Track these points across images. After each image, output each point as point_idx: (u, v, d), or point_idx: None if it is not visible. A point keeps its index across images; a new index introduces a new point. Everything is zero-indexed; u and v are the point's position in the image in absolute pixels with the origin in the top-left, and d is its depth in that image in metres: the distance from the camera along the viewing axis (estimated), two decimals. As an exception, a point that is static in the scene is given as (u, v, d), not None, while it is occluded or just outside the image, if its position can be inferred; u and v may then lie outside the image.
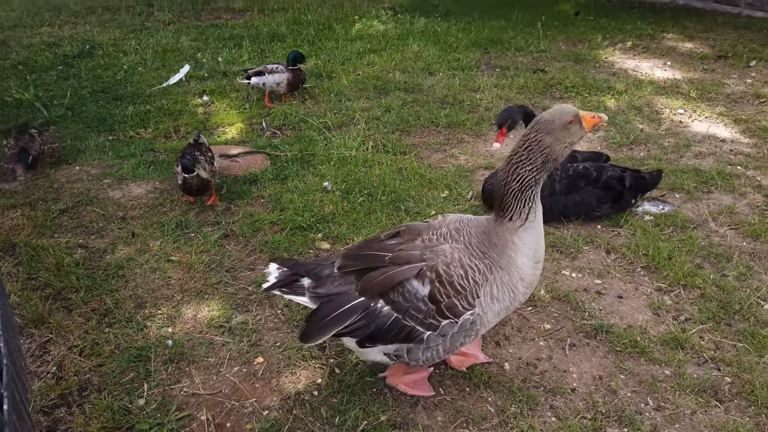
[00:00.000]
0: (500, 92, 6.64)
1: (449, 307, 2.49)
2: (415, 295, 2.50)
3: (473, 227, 2.63)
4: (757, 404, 2.78)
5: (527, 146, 2.43)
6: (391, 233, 2.74)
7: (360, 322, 2.52)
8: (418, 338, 2.54)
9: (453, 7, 10.79)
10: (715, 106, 6.23)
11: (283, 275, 2.71)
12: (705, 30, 9.13)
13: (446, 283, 2.48)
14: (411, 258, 2.54)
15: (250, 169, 4.97)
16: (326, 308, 2.55)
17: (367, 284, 2.54)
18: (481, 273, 2.51)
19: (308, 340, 2.54)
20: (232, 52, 7.94)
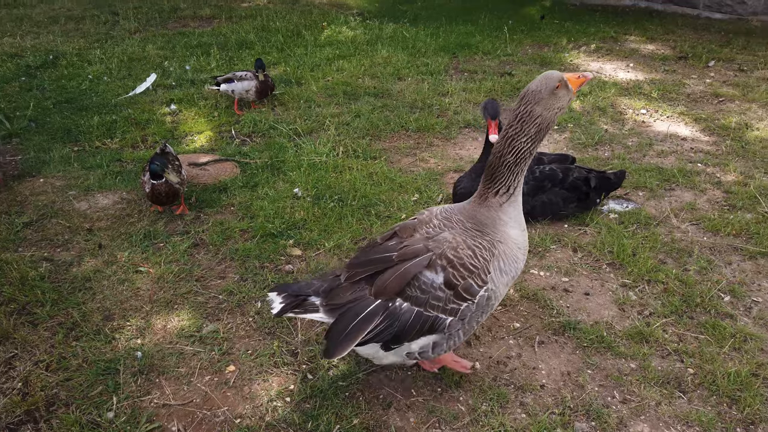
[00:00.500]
0: (469, 96, 6.72)
1: (466, 288, 2.54)
2: (431, 285, 2.52)
3: (460, 213, 2.71)
4: (718, 394, 2.87)
5: (519, 119, 2.50)
6: (387, 235, 2.76)
7: (383, 324, 2.50)
8: (441, 326, 2.57)
9: (421, 12, 10.88)
10: (676, 106, 6.40)
11: (289, 298, 2.65)
12: (666, 32, 9.37)
13: (458, 265, 2.53)
14: (418, 251, 2.57)
15: (220, 177, 4.94)
16: (345, 318, 2.51)
17: (381, 285, 2.53)
18: (487, 249, 2.59)
19: (333, 355, 2.45)
20: (200, 60, 7.88)
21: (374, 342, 2.54)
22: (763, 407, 2.79)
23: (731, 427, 2.70)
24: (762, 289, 3.60)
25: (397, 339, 2.54)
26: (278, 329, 3.32)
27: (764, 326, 3.30)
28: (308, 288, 2.68)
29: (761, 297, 3.53)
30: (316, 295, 2.65)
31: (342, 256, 3.95)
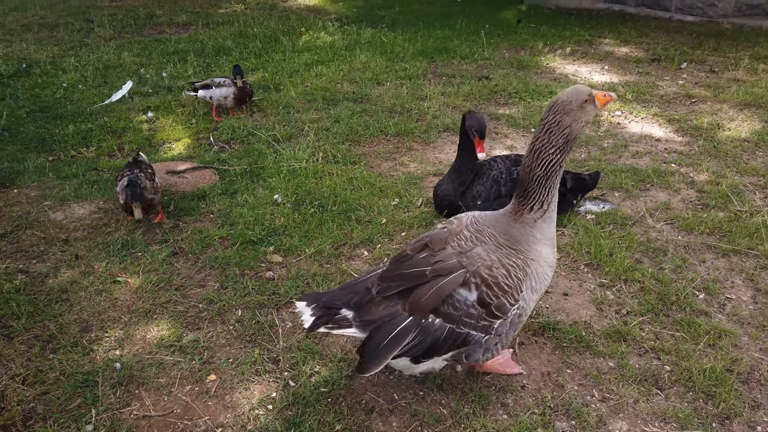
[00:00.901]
0: (447, 100, 6.77)
1: (498, 306, 2.56)
2: (464, 302, 2.53)
3: (492, 226, 2.69)
4: (694, 390, 2.92)
5: (547, 129, 2.50)
6: (417, 247, 2.72)
7: (415, 340, 2.52)
8: (471, 342, 2.59)
9: (399, 17, 10.94)
10: (650, 107, 6.52)
11: (319, 312, 2.62)
12: (639, 35, 9.54)
13: (492, 285, 2.54)
14: (452, 268, 2.55)
15: (198, 184, 4.91)
16: (379, 334, 2.51)
17: (416, 303, 2.53)
18: (521, 269, 2.60)
19: (368, 371, 2.47)
20: (176, 67, 7.82)
21: (405, 356, 2.57)
22: (738, 402, 2.85)
23: (707, 422, 2.75)
24: (735, 286, 3.68)
25: (427, 354, 2.57)
26: (259, 336, 3.31)
27: (738, 322, 3.37)
28: (339, 300, 2.65)
29: (734, 294, 3.61)
30: (347, 308, 2.63)
31: (323, 261, 3.95)
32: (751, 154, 5.42)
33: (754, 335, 3.27)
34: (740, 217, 4.36)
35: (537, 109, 6.48)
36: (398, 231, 4.30)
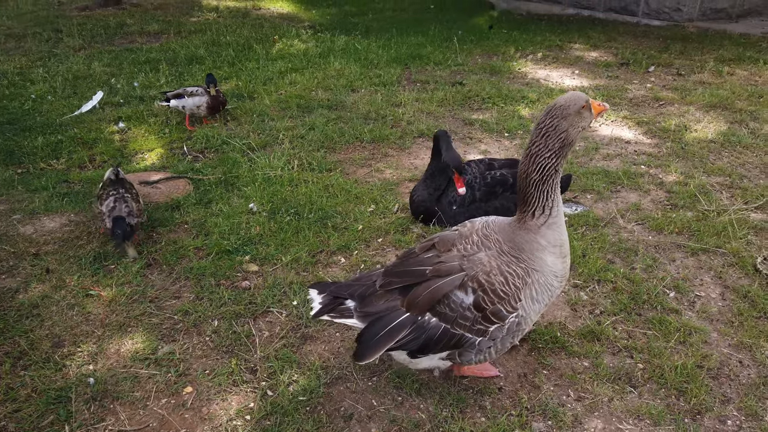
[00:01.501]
0: (421, 106, 6.82)
1: (494, 312, 2.58)
2: (460, 305, 2.58)
3: (499, 233, 2.70)
4: (667, 387, 2.98)
5: (544, 133, 2.50)
6: (426, 246, 2.79)
7: (410, 336, 2.60)
8: (468, 344, 2.64)
9: (372, 24, 10.99)
10: (620, 111, 6.65)
11: (327, 300, 2.75)
12: (608, 39, 9.73)
13: (489, 291, 2.57)
14: (451, 270, 2.61)
15: (172, 194, 4.86)
16: (376, 327, 2.61)
17: (413, 300, 2.61)
18: (520, 278, 2.60)
19: (362, 359, 2.57)
20: (148, 77, 7.74)
21: (401, 350, 2.66)
22: (709, 397, 2.92)
23: (679, 417, 2.81)
24: (704, 283, 3.77)
25: (422, 350, 2.64)
26: (236, 347, 3.29)
27: (707, 319, 3.46)
28: (346, 290, 2.76)
29: (703, 291, 3.70)
30: (351, 298, 2.73)
31: (300, 269, 3.94)
32: (718, 155, 5.56)
33: (723, 331, 3.35)
34: (708, 216, 4.47)
35: (510, 114, 6.57)
36: (375, 237, 4.31)
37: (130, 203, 4.08)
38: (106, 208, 4.03)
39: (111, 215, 3.99)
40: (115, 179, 4.29)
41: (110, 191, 4.14)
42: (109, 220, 3.99)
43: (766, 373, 3.07)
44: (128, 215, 4.00)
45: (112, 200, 4.05)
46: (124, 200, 4.07)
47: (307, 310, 3.53)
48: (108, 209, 4.02)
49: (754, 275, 3.81)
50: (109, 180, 4.28)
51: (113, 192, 4.12)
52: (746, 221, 4.38)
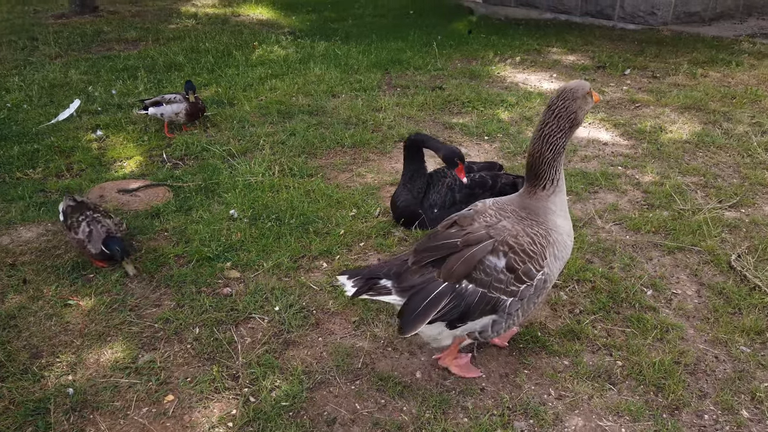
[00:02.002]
0: (402, 110, 6.85)
1: (525, 272, 2.75)
2: (494, 268, 2.72)
3: (512, 204, 2.95)
4: (645, 383, 3.03)
5: (557, 114, 2.76)
6: (447, 224, 2.94)
7: (450, 304, 2.70)
8: (502, 307, 2.77)
9: (352, 30, 11.02)
10: (597, 113, 6.75)
11: (360, 281, 2.81)
12: (585, 43, 9.88)
13: (519, 251, 2.74)
14: (481, 238, 2.77)
15: (152, 202, 4.83)
16: (416, 299, 2.69)
17: (450, 269, 2.72)
18: (543, 237, 2.81)
19: (407, 332, 2.66)
20: (126, 84, 7.68)
21: (441, 321, 2.74)
22: (686, 393, 2.97)
23: (658, 413, 2.86)
24: (680, 281, 3.84)
25: (462, 318, 2.75)
26: (218, 354, 3.27)
27: (683, 316, 3.52)
28: (378, 271, 2.84)
29: (680, 289, 3.76)
30: (387, 278, 2.81)
31: (282, 275, 3.93)
32: (692, 155, 5.67)
33: (699, 327, 3.42)
34: (683, 215, 4.55)
35: (489, 117, 6.63)
36: (357, 241, 4.32)
37: (103, 221, 3.99)
38: (83, 235, 3.90)
39: (92, 239, 3.87)
40: (75, 204, 4.11)
41: (79, 217, 3.98)
42: (93, 245, 3.87)
43: (741, 368, 3.13)
44: (108, 233, 3.92)
45: (86, 225, 3.92)
46: (96, 221, 3.95)
47: (289, 316, 3.53)
48: (85, 235, 3.90)
49: (728, 272, 3.89)
50: (70, 208, 4.08)
51: (82, 217, 3.98)
52: (720, 219, 4.48)
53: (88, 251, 3.91)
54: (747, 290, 3.69)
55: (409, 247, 4.23)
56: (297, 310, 3.59)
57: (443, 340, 2.96)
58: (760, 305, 3.56)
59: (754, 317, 3.44)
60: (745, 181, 5.11)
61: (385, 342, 3.37)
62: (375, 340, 3.38)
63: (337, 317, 3.57)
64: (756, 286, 3.71)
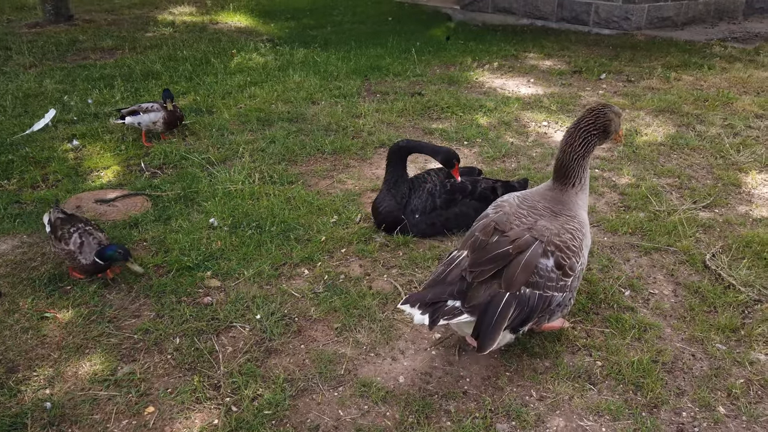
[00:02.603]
0: (382, 116, 6.88)
1: (570, 266, 2.95)
2: (546, 269, 2.89)
3: (543, 200, 3.14)
4: (624, 382, 3.07)
5: (596, 114, 3.05)
6: (488, 231, 3.02)
7: (516, 311, 2.83)
8: (554, 303, 2.95)
9: (331, 37, 11.04)
10: (574, 117, 6.84)
11: (429, 309, 2.83)
12: (561, 48, 10.02)
13: (564, 248, 2.93)
14: (528, 242, 2.91)
15: (130, 212, 4.77)
16: (488, 315, 2.80)
17: (511, 279, 2.85)
18: (579, 231, 3.04)
19: (486, 348, 2.76)
20: (103, 93, 7.60)
21: (509, 328, 2.89)
22: (664, 391, 3.02)
23: (637, 412, 2.90)
24: (657, 281, 3.90)
25: (524, 322, 2.90)
26: (199, 363, 3.24)
27: (661, 315, 3.58)
28: (442, 294, 2.89)
29: (657, 289, 3.83)
30: (452, 298, 2.87)
31: (263, 283, 3.91)
32: (667, 157, 5.78)
33: (676, 326, 3.48)
34: (659, 216, 4.63)
35: (468, 123, 6.69)
36: (338, 248, 4.32)
37: (95, 234, 3.94)
38: (74, 246, 3.83)
39: (83, 251, 3.81)
40: (66, 217, 4.04)
41: (70, 229, 3.91)
42: (85, 256, 3.81)
43: (717, 365, 3.19)
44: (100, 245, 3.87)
45: (77, 236, 3.86)
46: (89, 233, 3.90)
47: (271, 324, 3.52)
48: (76, 246, 3.83)
49: (703, 271, 3.97)
50: (59, 219, 4.00)
51: (74, 229, 3.91)
52: (695, 220, 4.56)
53: (77, 262, 3.84)
54: (722, 289, 3.77)
55: (391, 253, 4.25)
56: (279, 318, 3.58)
57: (504, 341, 3.07)
58: (735, 303, 3.64)
59: (728, 315, 3.52)
60: (718, 182, 5.23)
61: (367, 348, 3.37)
62: (357, 346, 3.38)
63: (319, 324, 3.57)
64: (730, 285, 3.79)
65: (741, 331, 3.42)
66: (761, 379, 3.10)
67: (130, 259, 3.83)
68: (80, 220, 4.06)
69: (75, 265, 3.88)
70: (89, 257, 3.81)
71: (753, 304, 3.65)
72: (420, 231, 4.42)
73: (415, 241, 4.40)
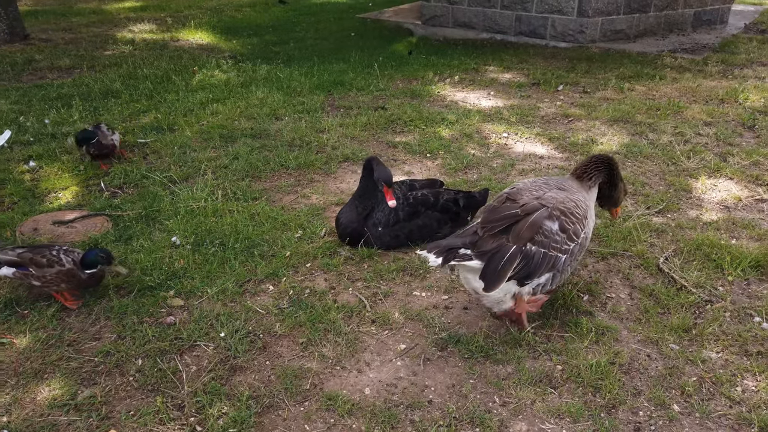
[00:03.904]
0: (346, 131, 6.93)
1: (575, 231, 3.33)
2: (551, 231, 3.26)
3: (557, 183, 3.57)
4: (584, 385, 3.16)
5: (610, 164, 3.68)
6: (501, 200, 3.47)
7: (521, 263, 3.18)
8: (558, 263, 3.29)
9: (294, 53, 11.09)
10: (533, 128, 7.02)
11: (443, 253, 3.17)
12: (520, 61, 10.26)
13: (568, 213, 3.32)
14: (536, 207, 3.31)
15: (90, 233, 4.70)
16: (494, 261, 3.15)
17: (518, 233, 3.22)
18: (583, 203, 3.47)
19: (492, 288, 3.13)
20: (60, 113, 7.46)
21: (514, 279, 3.21)
22: (622, 391, 3.11)
23: (596, 413, 2.98)
24: (613, 285, 4.03)
25: (529, 275, 3.23)
26: (162, 384, 3.20)
27: (617, 318, 3.70)
28: (456, 243, 3.24)
29: (613, 293, 3.95)
30: (464, 247, 3.22)
31: (227, 300, 3.89)
32: (622, 165, 5.97)
33: (632, 328, 3.59)
34: (615, 222, 4.78)
35: (431, 135, 6.79)
36: (303, 262, 4.34)
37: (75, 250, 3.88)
38: (70, 264, 3.74)
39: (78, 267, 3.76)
40: (34, 247, 3.91)
41: (51, 252, 3.79)
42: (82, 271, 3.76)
43: (672, 365, 3.31)
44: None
45: (64, 255, 3.78)
46: (70, 251, 3.83)
47: (236, 342, 3.50)
48: (71, 264, 3.75)
49: (657, 274, 4.11)
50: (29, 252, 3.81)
51: (54, 252, 3.79)
52: (649, 225, 4.73)
53: (77, 279, 3.77)
54: (674, 290, 3.91)
55: (356, 266, 4.28)
56: (243, 335, 3.57)
57: (505, 303, 3.40)
58: (687, 304, 3.78)
59: (681, 316, 3.65)
60: (670, 188, 5.43)
61: (333, 361, 3.39)
62: (323, 360, 3.40)
63: (284, 339, 3.57)
64: (682, 286, 3.93)
65: (693, 330, 3.56)
66: (712, 376, 3.23)
67: (114, 261, 3.80)
68: (50, 245, 3.95)
69: (74, 283, 3.78)
70: (84, 272, 3.77)
71: (704, 305, 3.80)
72: (384, 243, 4.47)
73: (380, 254, 4.44)
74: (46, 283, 3.75)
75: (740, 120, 7.11)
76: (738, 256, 4.21)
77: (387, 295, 3.97)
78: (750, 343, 3.47)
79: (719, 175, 5.66)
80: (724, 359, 3.35)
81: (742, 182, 5.52)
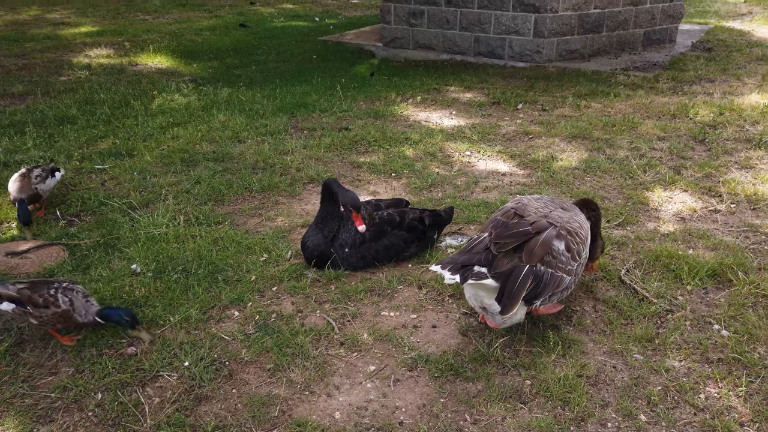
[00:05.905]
0: (309, 152, 6.92)
1: (578, 251, 3.42)
2: (558, 251, 3.32)
3: (560, 203, 3.71)
4: (552, 399, 3.17)
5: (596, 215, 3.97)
6: (510, 215, 3.52)
7: (533, 284, 3.21)
8: (562, 283, 3.35)
9: (256, 76, 11.06)
10: (495, 146, 7.14)
11: (457, 270, 3.21)
12: (480, 81, 10.47)
13: (574, 234, 3.41)
14: (545, 226, 3.36)
15: (45, 263, 4.53)
16: (510, 283, 3.19)
17: (530, 253, 3.26)
18: (585, 223, 3.62)
19: (507, 311, 3.15)
20: (13, 140, 7.23)
21: (523, 300, 3.23)
22: (590, 404, 3.14)
23: (566, 426, 3.00)
24: (578, 298, 4.09)
25: (537, 296, 3.27)
26: (123, 418, 3.08)
27: (583, 331, 3.74)
28: (471, 260, 3.28)
29: (578, 306, 4.01)
30: (479, 265, 3.26)
31: (190, 328, 3.80)
32: (581, 180, 6.12)
33: (597, 340, 3.65)
34: (577, 236, 4.87)
35: (395, 155, 6.83)
36: (269, 286, 4.27)
37: (75, 287, 3.67)
38: (66, 305, 3.53)
39: (76, 308, 3.54)
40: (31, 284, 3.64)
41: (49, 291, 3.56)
42: (79, 312, 3.54)
43: (637, 375, 3.36)
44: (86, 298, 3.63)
45: (62, 295, 3.55)
46: (69, 289, 3.60)
47: (200, 370, 3.41)
48: (68, 305, 3.53)
49: (619, 286, 4.20)
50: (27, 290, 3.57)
51: (52, 290, 3.56)
52: (610, 238, 4.83)
53: (72, 321, 3.56)
54: (636, 301, 4.00)
55: (324, 288, 4.24)
56: (208, 363, 3.48)
57: (517, 316, 3.45)
58: (649, 314, 3.86)
59: (644, 326, 3.72)
60: (628, 201, 5.57)
61: (301, 386, 3.33)
62: (291, 385, 3.33)
63: (251, 366, 3.49)
64: (644, 297, 4.02)
65: (656, 340, 3.63)
66: (676, 385, 3.29)
67: (137, 326, 3.59)
68: (48, 281, 3.69)
69: (70, 324, 3.59)
70: (85, 314, 3.56)
71: (665, 314, 3.89)
72: (351, 264, 4.44)
73: (347, 275, 4.41)
74: (43, 322, 3.56)
75: (692, 134, 7.39)
76: (695, 265, 4.34)
77: (355, 316, 3.94)
78: (710, 351, 3.55)
79: (674, 188, 5.85)
80: (686, 367, 3.43)
81: (696, 194, 5.72)
